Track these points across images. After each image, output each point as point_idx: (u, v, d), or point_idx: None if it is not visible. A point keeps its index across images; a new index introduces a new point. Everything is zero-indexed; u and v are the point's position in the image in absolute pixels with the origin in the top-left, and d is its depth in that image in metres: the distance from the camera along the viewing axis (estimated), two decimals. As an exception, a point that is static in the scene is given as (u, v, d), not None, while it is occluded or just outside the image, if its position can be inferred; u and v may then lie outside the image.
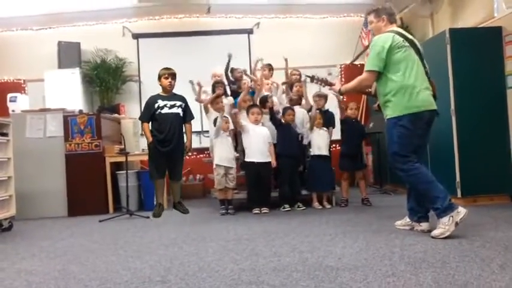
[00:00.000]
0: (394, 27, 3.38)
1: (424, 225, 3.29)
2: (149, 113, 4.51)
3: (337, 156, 5.26)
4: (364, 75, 3.35)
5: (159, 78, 4.49)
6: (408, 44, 3.25)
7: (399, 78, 3.17)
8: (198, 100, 5.31)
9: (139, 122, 6.80)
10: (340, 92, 3.68)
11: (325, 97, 5.24)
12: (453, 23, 5.78)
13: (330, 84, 3.79)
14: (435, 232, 3.03)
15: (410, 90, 3.14)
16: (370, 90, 3.68)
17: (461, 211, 2.99)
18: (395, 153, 3.21)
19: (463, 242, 2.88)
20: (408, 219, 3.45)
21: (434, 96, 3.29)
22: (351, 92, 3.76)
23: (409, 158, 3.15)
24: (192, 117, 4.66)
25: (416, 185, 3.22)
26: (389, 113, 3.26)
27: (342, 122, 5.14)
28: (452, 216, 2.97)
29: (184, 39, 7.25)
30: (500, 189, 4.63)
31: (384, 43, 3.21)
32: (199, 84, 5.22)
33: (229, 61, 5.72)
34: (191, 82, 5.27)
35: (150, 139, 4.43)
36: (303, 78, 5.24)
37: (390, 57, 3.20)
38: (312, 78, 3.92)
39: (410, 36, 3.35)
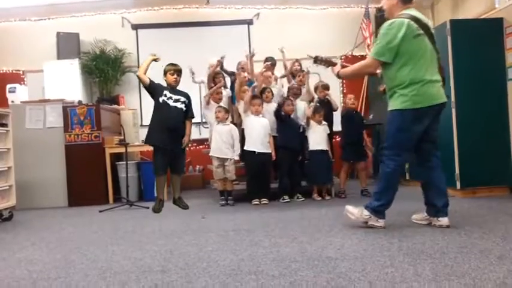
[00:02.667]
0: (409, 11, 3.07)
1: (443, 221, 3.12)
2: (155, 85, 4.38)
3: (338, 149, 5.26)
4: (368, 61, 3.14)
5: (165, 73, 4.44)
6: (423, 32, 3.01)
7: (409, 71, 3.00)
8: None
9: (139, 112, 6.85)
10: (338, 76, 3.49)
11: (328, 88, 5.22)
12: (454, 14, 5.75)
13: (333, 65, 3.56)
14: (349, 208, 3.29)
15: (419, 84, 2.98)
16: (376, 73, 3.43)
17: (380, 223, 3.16)
18: (388, 146, 3.17)
19: (461, 233, 2.90)
20: (425, 214, 3.29)
21: (443, 80, 3.16)
22: (350, 78, 3.55)
23: (399, 157, 3.12)
24: (193, 116, 4.64)
25: (381, 178, 3.26)
26: (393, 104, 3.11)
27: (344, 114, 5.12)
28: (370, 217, 3.17)
29: (184, 30, 7.21)
30: (499, 181, 4.64)
31: (397, 31, 2.97)
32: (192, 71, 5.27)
33: (222, 64, 5.68)
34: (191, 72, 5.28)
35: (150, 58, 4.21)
36: (306, 67, 5.16)
37: (402, 47, 2.98)
38: (316, 59, 3.65)
39: (425, 20, 3.09)
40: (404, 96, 3.03)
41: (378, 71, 3.36)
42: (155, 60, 4.19)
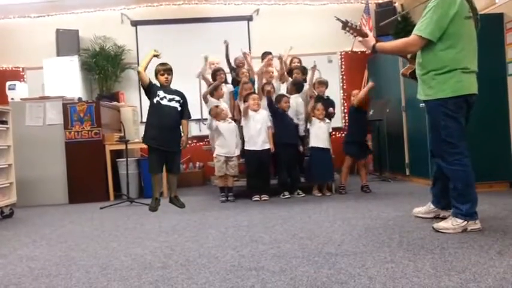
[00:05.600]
0: None
1: (478, 223, 2.87)
2: (152, 85, 4.38)
3: (338, 144, 5.26)
4: (412, 39, 2.80)
5: (156, 74, 4.44)
6: (471, 15, 2.76)
7: (455, 55, 2.72)
8: (202, 76, 5.33)
9: (139, 109, 6.85)
10: (374, 50, 3.03)
11: (326, 84, 5.23)
12: (454, 10, 5.72)
13: (364, 35, 3.08)
14: (440, 224, 2.86)
15: (460, 70, 2.73)
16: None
17: (477, 224, 2.81)
18: (444, 140, 2.83)
19: (461, 228, 2.90)
20: (432, 206, 3.21)
21: None
22: (386, 53, 3.20)
23: (458, 149, 2.82)
24: (190, 116, 4.62)
25: (454, 181, 2.87)
26: (431, 93, 2.82)
27: (351, 109, 5.10)
28: (467, 222, 2.79)
29: (183, 26, 7.19)
30: (499, 176, 4.64)
31: (449, 7, 2.67)
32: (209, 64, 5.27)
33: (227, 48, 5.69)
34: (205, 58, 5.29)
35: (151, 54, 4.14)
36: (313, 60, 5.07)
37: (452, 26, 2.69)
38: (345, 25, 3.09)
39: (474, 3, 2.82)
40: (445, 83, 2.75)
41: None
42: (156, 56, 4.17)
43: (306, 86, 5.26)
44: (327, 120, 4.99)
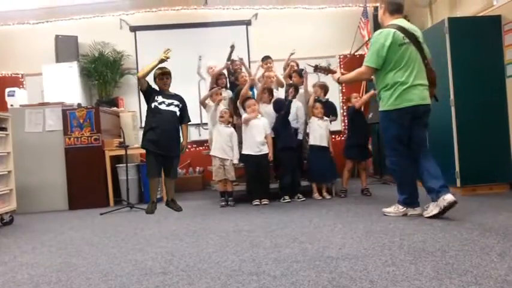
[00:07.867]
0: (397, 21, 3.44)
1: (448, 197, 3.27)
2: (151, 90, 4.37)
3: (338, 147, 5.25)
4: (362, 69, 3.53)
5: (154, 79, 4.44)
6: (408, 40, 3.35)
7: (394, 75, 3.36)
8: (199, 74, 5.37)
9: (139, 115, 6.87)
10: (339, 81, 3.92)
11: (324, 86, 5.23)
12: (452, 12, 5.75)
13: (333, 72, 3.96)
14: (386, 209, 3.64)
15: (401, 87, 3.34)
16: (372, 78, 3.77)
17: (417, 211, 3.50)
18: (387, 142, 3.57)
19: (462, 231, 2.90)
20: (431, 206, 3.43)
21: (433, 84, 3.46)
22: (348, 83, 3.99)
23: (396, 151, 3.50)
24: (189, 120, 4.62)
25: (393, 176, 3.72)
26: (381, 105, 3.53)
27: (352, 112, 5.10)
28: (407, 209, 3.53)
29: (182, 31, 7.22)
30: (499, 178, 4.64)
31: (384, 40, 3.34)
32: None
33: (231, 52, 5.69)
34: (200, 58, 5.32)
35: (154, 63, 4.26)
36: (307, 70, 5.13)
37: (389, 54, 3.35)
38: (315, 68, 4.05)
39: (411, 30, 3.42)
40: (387, 99, 3.42)
41: (373, 77, 3.70)
42: (165, 58, 4.16)
43: (301, 91, 5.25)
44: (326, 119, 4.99)
